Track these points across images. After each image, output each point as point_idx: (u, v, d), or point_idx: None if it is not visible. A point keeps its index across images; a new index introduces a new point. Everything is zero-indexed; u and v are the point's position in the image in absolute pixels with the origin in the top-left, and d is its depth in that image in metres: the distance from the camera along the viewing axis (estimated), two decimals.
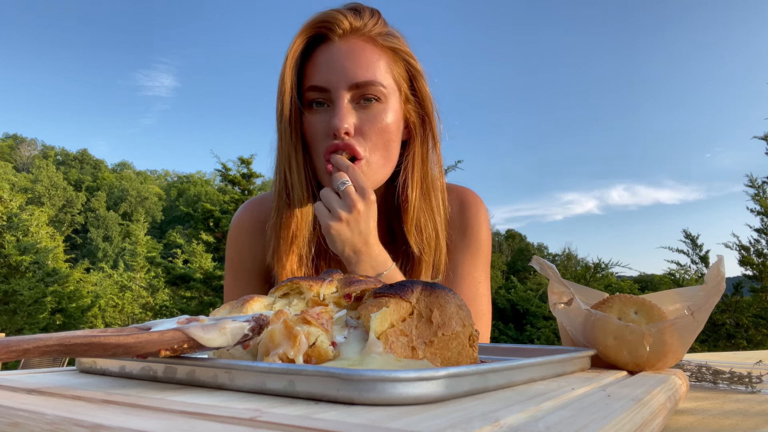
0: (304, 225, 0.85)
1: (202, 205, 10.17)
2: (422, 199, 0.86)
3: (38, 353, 0.32)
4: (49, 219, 32.39)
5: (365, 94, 0.79)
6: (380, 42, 0.82)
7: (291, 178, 0.84)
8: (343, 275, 0.49)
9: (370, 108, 0.80)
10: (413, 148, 0.86)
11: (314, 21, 0.81)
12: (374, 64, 0.80)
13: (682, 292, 0.59)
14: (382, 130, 0.80)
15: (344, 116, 0.78)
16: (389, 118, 0.81)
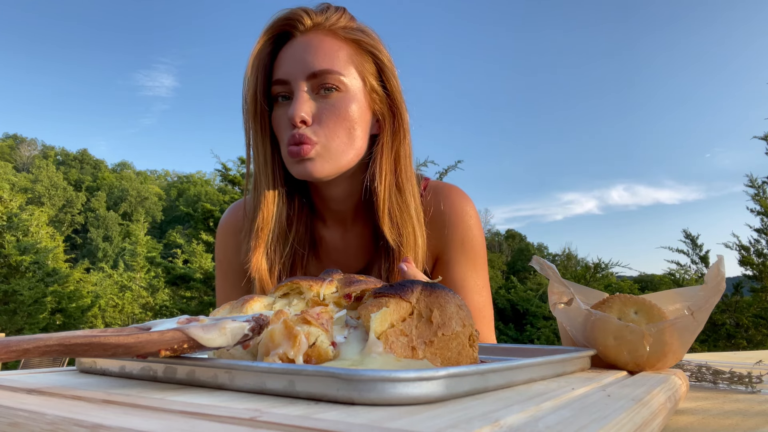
0: (271, 218, 0.86)
1: (202, 205, 10.17)
2: (396, 192, 0.86)
3: (38, 353, 0.32)
4: (49, 219, 32.38)
5: (323, 84, 0.80)
6: (342, 35, 0.83)
7: (260, 172, 0.86)
8: (343, 275, 0.49)
9: (329, 97, 0.81)
10: (382, 140, 0.86)
11: (277, 20, 0.84)
12: (333, 54, 0.81)
13: (682, 292, 0.59)
14: (341, 118, 0.81)
15: (300, 105, 0.79)
16: (350, 106, 0.82)
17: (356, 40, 0.84)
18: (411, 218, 0.86)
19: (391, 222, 0.85)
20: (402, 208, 0.85)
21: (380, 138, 0.86)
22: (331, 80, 0.80)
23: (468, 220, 0.92)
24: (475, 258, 0.92)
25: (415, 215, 0.86)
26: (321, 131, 0.80)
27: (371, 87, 0.85)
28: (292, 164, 0.82)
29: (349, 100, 0.82)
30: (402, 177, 0.86)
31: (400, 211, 0.85)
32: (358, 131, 0.83)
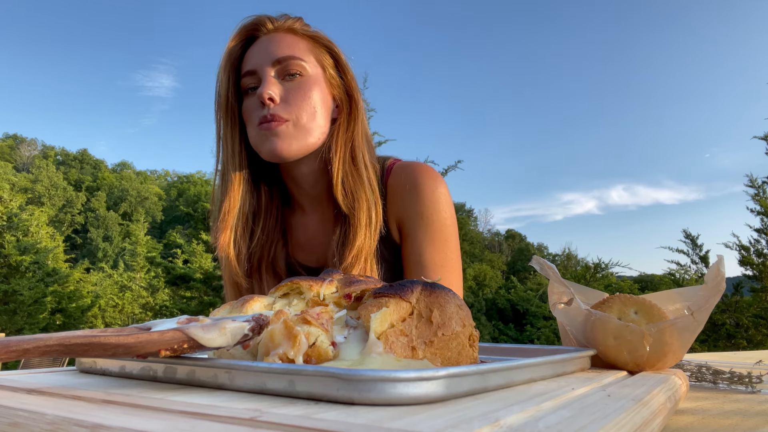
0: (237, 204, 0.93)
1: (202, 205, 10.17)
2: (351, 164, 0.92)
3: (38, 353, 0.32)
4: (49, 219, 32.34)
5: (288, 69, 0.90)
6: (301, 32, 0.93)
7: (227, 162, 0.94)
8: (343, 275, 0.49)
9: (293, 81, 0.90)
10: (339, 120, 0.95)
11: (244, 25, 0.94)
12: (294, 44, 0.91)
13: (682, 292, 0.59)
14: (306, 97, 0.89)
15: (268, 85, 0.88)
16: (312, 89, 0.90)
17: (313, 36, 0.94)
18: (364, 187, 0.91)
19: (344, 190, 0.91)
20: (356, 179, 0.91)
21: (339, 119, 0.95)
22: (294, 66, 0.90)
23: (429, 194, 0.94)
24: (435, 233, 0.93)
25: (369, 186, 0.92)
26: (290, 109, 0.88)
27: (330, 75, 0.94)
28: (262, 143, 0.89)
29: (312, 83, 0.91)
30: (356, 152, 0.93)
31: (353, 180, 0.91)
32: (321, 112, 0.91)
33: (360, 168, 0.92)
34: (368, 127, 0.99)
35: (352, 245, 0.88)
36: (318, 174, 0.95)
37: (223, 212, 0.92)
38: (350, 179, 0.91)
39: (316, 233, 0.99)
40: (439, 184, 0.95)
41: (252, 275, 0.97)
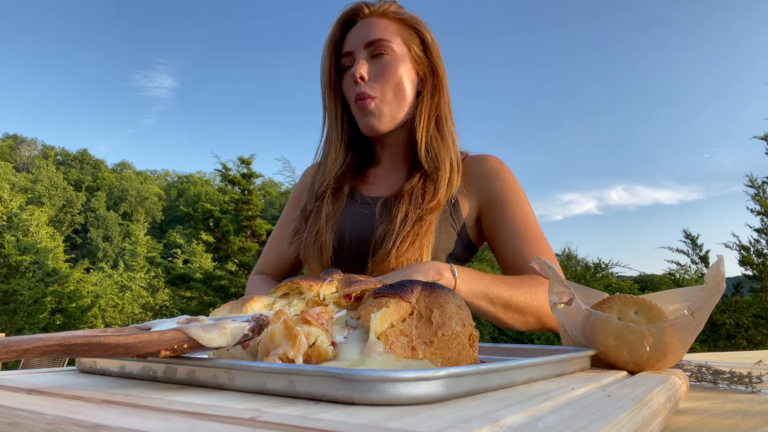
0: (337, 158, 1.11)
1: (202, 205, 10.16)
2: (434, 131, 1.06)
3: (38, 353, 0.32)
4: (49, 219, 32.35)
5: (376, 50, 1.04)
6: (392, 16, 1.08)
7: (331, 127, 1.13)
8: (343, 275, 0.49)
9: (381, 59, 1.04)
10: (424, 92, 1.08)
11: (345, 12, 1.09)
12: (384, 28, 1.05)
13: (682, 292, 0.59)
14: (391, 74, 1.03)
15: (359, 66, 1.03)
16: (398, 67, 1.04)
17: (402, 19, 1.08)
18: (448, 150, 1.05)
19: (427, 153, 1.04)
20: (439, 143, 1.05)
21: (423, 93, 1.09)
22: (382, 46, 1.04)
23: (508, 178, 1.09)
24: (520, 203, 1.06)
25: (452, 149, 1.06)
26: (377, 86, 1.03)
27: (415, 53, 1.07)
28: (359, 119, 1.06)
29: (397, 61, 1.04)
30: (441, 120, 1.07)
31: (437, 144, 1.05)
32: (405, 86, 1.05)
33: (444, 134, 1.06)
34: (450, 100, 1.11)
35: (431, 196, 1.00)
36: (403, 139, 1.10)
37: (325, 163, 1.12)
38: (434, 143, 1.05)
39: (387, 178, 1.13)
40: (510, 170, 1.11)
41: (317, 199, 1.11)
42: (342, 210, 1.09)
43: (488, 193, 1.07)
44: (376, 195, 1.11)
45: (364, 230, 1.05)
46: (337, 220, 1.08)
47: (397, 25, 1.07)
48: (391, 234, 0.97)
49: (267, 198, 12.47)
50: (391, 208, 1.02)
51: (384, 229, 1.00)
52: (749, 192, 8.63)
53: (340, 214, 1.09)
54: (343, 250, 1.05)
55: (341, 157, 1.12)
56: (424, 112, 1.06)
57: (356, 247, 1.04)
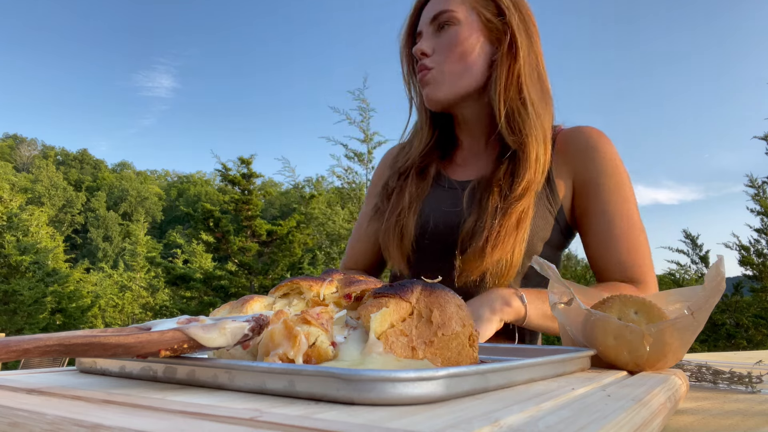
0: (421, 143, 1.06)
1: (202, 205, 10.17)
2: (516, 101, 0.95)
3: (38, 353, 0.32)
4: (49, 219, 32.37)
5: (440, 23, 0.98)
6: None
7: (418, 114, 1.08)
8: (343, 275, 0.49)
9: (445, 32, 0.98)
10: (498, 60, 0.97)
11: None
12: None
13: (682, 292, 0.59)
14: (454, 45, 0.96)
15: (420, 42, 0.99)
16: (462, 36, 0.96)
17: None
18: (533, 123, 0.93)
19: (510, 127, 0.94)
20: (523, 115, 0.94)
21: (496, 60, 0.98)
22: (445, 18, 0.97)
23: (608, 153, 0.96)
24: (619, 186, 0.94)
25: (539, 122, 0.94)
26: (436, 58, 0.97)
27: (486, 19, 0.98)
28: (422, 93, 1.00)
29: (462, 31, 0.97)
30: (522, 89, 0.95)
31: (520, 116, 0.94)
32: (472, 56, 0.97)
33: (527, 105, 0.94)
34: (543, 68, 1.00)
35: (522, 178, 0.90)
36: (481, 116, 1.01)
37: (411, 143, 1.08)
38: (517, 116, 0.94)
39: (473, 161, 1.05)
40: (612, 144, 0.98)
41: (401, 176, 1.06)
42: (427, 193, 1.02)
43: (583, 172, 0.96)
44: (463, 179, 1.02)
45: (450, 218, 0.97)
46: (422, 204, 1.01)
47: None
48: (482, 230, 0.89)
49: (267, 198, 12.46)
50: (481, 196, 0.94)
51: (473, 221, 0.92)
52: (749, 192, 8.63)
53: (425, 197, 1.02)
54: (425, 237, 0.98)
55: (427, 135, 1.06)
56: (500, 81, 0.95)
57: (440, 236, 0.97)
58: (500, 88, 0.95)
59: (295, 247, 9.85)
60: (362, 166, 8.61)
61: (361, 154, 8.52)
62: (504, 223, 0.88)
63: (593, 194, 0.94)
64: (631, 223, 0.93)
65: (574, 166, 0.97)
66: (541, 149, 0.92)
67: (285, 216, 16.71)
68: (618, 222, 0.92)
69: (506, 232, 0.88)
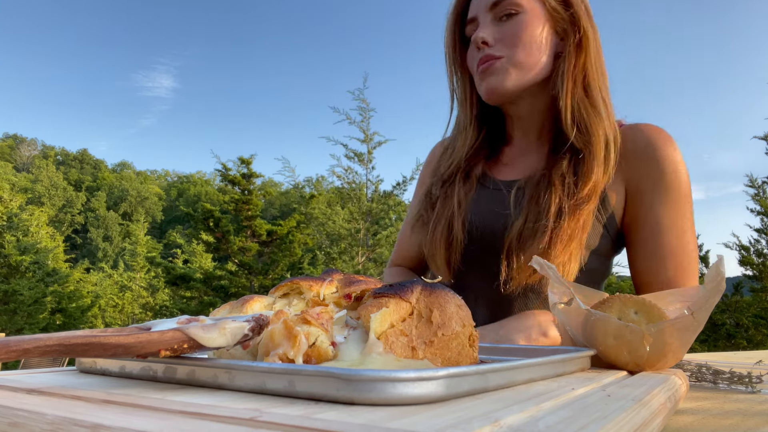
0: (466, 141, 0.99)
1: (202, 205, 10.16)
2: (582, 97, 0.89)
3: (38, 353, 0.32)
4: (49, 219, 32.38)
5: (503, 10, 0.89)
6: None
7: (460, 105, 1.01)
8: (343, 275, 0.49)
9: (509, 20, 0.90)
10: (565, 53, 0.91)
11: None
12: None
13: (682, 292, 0.59)
14: (520, 34, 0.89)
15: (481, 29, 0.90)
16: (529, 25, 0.89)
17: None
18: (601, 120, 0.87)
19: (575, 124, 0.88)
20: (590, 111, 0.88)
21: (564, 52, 0.91)
22: (508, 5, 0.89)
23: (669, 156, 0.88)
24: (676, 197, 0.87)
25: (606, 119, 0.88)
26: (504, 48, 0.89)
27: (551, 7, 0.91)
28: (481, 82, 0.91)
29: (528, 20, 0.89)
30: (590, 83, 0.89)
31: (587, 113, 0.88)
32: (538, 47, 0.90)
33: (595, 100, 0.89)
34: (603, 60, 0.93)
35: (587, 179, 0.84)
36: (537, 112, 0.95)
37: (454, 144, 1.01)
38: (583, 112, 0.88)
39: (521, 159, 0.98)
40: (675, 146, 0.89)
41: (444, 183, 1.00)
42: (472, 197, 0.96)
43: (639, 178, 0.87)
44: (508, 179, 0.96)
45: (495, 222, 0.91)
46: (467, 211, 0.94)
47: None
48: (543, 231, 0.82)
49: (267, 198, 12.46)
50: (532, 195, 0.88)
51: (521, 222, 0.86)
52: (749, 192, 8.64)
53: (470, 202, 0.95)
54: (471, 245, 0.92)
55: (472, 136, 0.99)
56: (568, 75, 0.89)
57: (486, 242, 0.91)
58: (568, 83, 0.88)
59: (295, 247, 9.85)
60: (362, 166, 8.61)
61: (361, 154, 8.52)
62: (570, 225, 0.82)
63: (647, 203, 0.87)
64: (684, 240, 0.86)
65: (629, 170, 0.88)
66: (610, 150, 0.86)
67: (285, 216, 16.72)
68: (670, 238, 0.85)
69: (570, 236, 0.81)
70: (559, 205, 0.83)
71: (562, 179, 0.85)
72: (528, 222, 0.85)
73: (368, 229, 8.43)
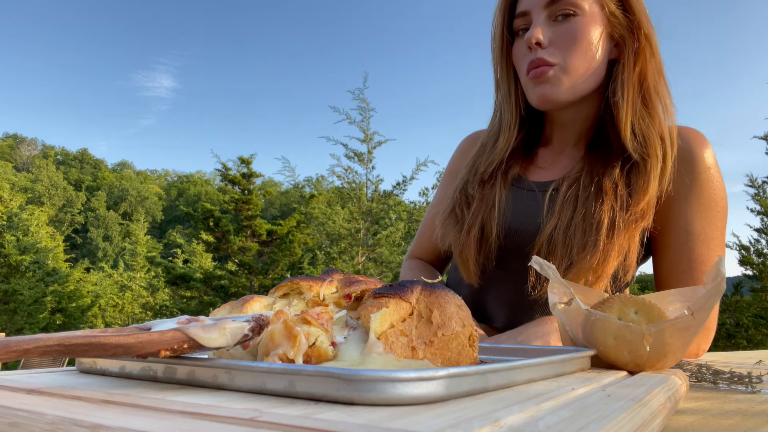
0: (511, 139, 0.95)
1: (202, 204, 10.16)
2: (640, 105, 0.86)
3: (38, 353, 0.32)
4: (49, 219, 32.39)
5: (560, 9, 0.85)
6: None
7: (504, 102, 0.96)
8: (343, 275, 0.49)
9: (566, 22, 0.85)
10: (623, 60, 0.87)
11: None
12: None
13: (682, 292, 0.59)
14: (578, 40, 0.84)
15: (535, 29, 0.84)
16: (586, 30, 0.85)
17: None
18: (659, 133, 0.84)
19: (633, 135, 0.84)
20: (648, 121, 0.85)
21: (621, 59, 0.88)
22: (567, 5, 0.84)
23: (704, 161, 0.86)
24: (708, 204, 0.85)
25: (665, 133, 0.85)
26: (558, 53, 0.85)
27: (610, 11, 0.86)
28: (532, 89, 0.88)
29: (586, 24, 0.85)
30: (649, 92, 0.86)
31: (647, 126, 0.84)
32: (595, 54, 0.86)
33: (653, 110, 0.86)
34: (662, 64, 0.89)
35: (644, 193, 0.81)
36: (579, 116, 0.92)
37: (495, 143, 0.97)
38: (641, 123, 0.84)
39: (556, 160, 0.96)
40: (711, 150, 0.88)
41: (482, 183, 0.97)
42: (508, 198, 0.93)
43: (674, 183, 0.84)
44: (542, 180, 0.94)
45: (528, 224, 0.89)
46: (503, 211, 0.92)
47: None
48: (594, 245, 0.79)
49: (267, 198, 12.46)
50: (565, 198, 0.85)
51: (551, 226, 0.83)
52: (749, 192, 8.64)
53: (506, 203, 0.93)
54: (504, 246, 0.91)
55: (513, 136, 0.95)
56: (628, 83, 0.85)
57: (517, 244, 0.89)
58: (628, 92, 0.85)
59: (295, 247, 9.86)
60: (362, 165, 8.61)
61: (361, 154, 8.52)
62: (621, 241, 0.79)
63: (678, 209, 0.85)
64: (712, 249, 0.84)
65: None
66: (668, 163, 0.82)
67: (285, 216, 16.72)
68: (698, 245, 0.83)
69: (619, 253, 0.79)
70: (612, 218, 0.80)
71: (614, 188, 0.82)
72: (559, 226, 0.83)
73: (368, 228, 8.43)
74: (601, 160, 0.87)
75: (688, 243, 0.84)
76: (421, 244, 1.12)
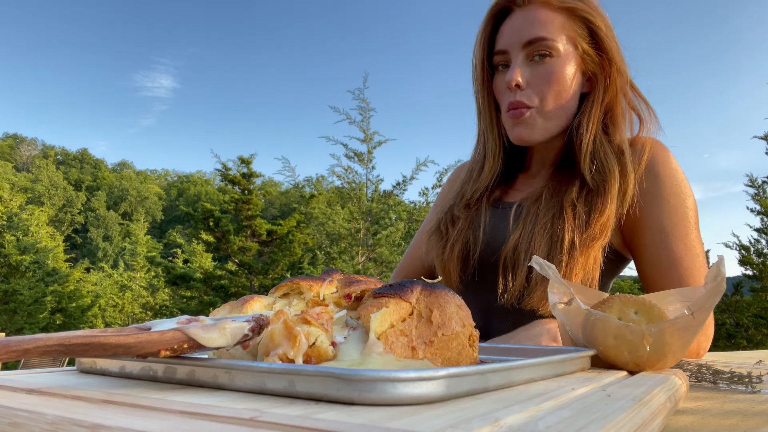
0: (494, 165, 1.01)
1: (202, 204, 10.17)
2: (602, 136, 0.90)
3: (38, 353, 0.32)
4: (49, 219, 32.40)
5: (537, 51, 0.89)
6: (556, 4, 0.90)
7: (487, 131, 1.01)
8: (343, 275, 0.49)
9: (542, 63, 0.89)
10: (593, 96, 0.92)
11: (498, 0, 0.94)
12: (547, 23, 0.89)
13: (682, 292, 0.59)
14: (553, 82, 0.89)
15: (514, 72, 0.89)
16: (562, 71, 0.89)
17: (569, 8, 0.90)
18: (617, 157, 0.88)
19: (592, 164, 0.88)
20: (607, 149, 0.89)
21: (591, 95, 0.93)
22: (543, 47, 0.88)
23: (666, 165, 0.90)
24: (676, 203, 0.88)
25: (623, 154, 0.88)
26: (534, 96, 0.90)
27: (583, 50, 0.91)
28: (510, 128, 0.93)
29: (561, 65, 0.89)
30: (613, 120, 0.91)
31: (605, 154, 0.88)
32: (569, 93, 0.91)
33: (617, 128, 0.91)
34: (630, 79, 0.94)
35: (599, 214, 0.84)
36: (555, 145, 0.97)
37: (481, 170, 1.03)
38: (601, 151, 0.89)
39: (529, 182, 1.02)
40: (670, 153, 0.92)
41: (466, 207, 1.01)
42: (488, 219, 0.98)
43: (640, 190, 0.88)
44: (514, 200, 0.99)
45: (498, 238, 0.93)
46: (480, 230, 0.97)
47: (563, 17, 0.89)
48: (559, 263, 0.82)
49: (267, 198, 12.45)
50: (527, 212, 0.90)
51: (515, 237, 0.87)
52: (749, 192, 8.64)
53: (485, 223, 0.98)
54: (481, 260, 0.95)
55: (498, 165, 1.01)
56: (594, 117, 0.90)
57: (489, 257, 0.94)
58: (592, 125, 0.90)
59: (295, 247, 9.86)
60: (362, 165, 8.61)
61: (361, 154, 8.52)
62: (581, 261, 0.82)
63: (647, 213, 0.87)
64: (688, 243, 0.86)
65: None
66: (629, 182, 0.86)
67: (285, 216, 16.72)
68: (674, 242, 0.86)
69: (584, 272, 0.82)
70: (571, 238, 0.83)
71: (573, 207, 0.86)
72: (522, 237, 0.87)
73: (368, 228, 8.43)
74: (565, 180, 0.92)
75: (664, 242, 0.86)
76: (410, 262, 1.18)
